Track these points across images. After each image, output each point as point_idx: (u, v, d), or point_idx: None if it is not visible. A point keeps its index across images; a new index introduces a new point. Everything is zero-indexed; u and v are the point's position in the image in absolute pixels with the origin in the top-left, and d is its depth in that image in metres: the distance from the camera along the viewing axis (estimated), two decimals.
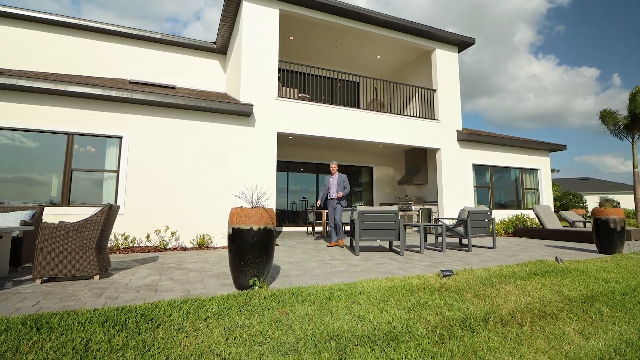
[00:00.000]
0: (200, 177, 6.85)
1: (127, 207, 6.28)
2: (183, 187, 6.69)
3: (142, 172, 6.45)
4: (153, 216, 6.40)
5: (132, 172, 6.39)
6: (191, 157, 6.85)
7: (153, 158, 6.57)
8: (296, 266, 4.46)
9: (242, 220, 3.06)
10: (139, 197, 6.36)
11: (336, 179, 6.56)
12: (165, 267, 4.34)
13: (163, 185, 6.55)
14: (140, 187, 6.40)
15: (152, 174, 6.51)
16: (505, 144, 10.54)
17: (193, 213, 6.67)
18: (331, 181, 6.62)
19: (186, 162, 6.79)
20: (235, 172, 7.13)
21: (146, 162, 6.50)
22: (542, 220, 8.52)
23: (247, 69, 7.59)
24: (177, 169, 6.70)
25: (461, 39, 9.87)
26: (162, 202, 6.51)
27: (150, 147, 6.58)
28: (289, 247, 6.48)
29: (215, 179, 6.95)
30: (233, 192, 6.77)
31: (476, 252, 5.84)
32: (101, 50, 8.90)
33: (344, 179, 6.59)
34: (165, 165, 6.63)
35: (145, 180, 6.45)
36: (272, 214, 3.23)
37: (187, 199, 6.69)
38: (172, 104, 6.65)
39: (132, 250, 5.86)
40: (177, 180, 6.67)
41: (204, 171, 6.89)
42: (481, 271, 3.95)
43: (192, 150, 6.87)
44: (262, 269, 3.10)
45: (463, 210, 6.10)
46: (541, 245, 6.92)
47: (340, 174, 6.60)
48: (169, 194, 6.57)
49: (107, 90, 6.16)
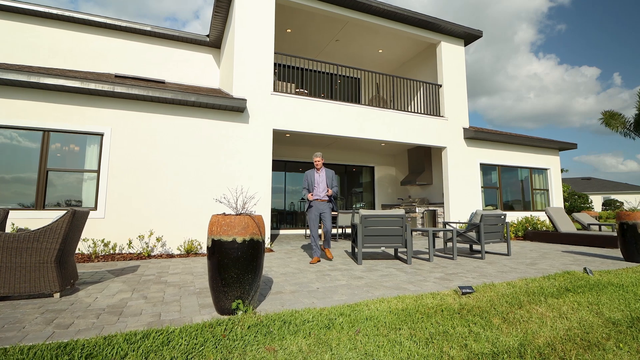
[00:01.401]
0: (189, 178, 6.33)
1: (109, 211, 5.75)
2: (170, 189, 6.17)
3: (125, 172, 5.93)
4: (137, 220, 5.87)
5: (114, 172, 5.86)
6: (179, 156, 6.32)
7: (137, 157, 6.04)
8: (291, 278, 3.93)
9: (223, 231, 2.54)
10: (121, 200, 5.84)
11: (323, 175, 5.32)
12: (143, 280, 3.81)
13: (148, 186, 6.03)
14: (123, 189, 5.87)
15: (136, 174, 5.99)
16: (514, 142, 10.02)
17: (181, 217, 6.15)
18: (317, 177, 5.31)
19: (174, 161, 6.26)
20: (227, 172, 6.61)
21: (129, 162, 5.98)
22: (555, 223, 8.01)
23: (240, 61, 7.06)
24: (163, 169, 6.18)
25: (468, 32, 9.35)
26: (147, 205, 5.98)
27: (134, 145, 6.05)
28: (285, 254, 5.96)
29: (205, 180, 6.43)
30: (215, 196, 6.24)
31: (490, 260, 5.32)
32: (86, 43, 8.36)
33: (333, 175, 5.37)
34: (150, 165, 6.10)
35: (129, 181, 5.92)
36: (261, 223, 2.70)
37: (174, 201, 6.16)
38: (158, 98, 6.13)
39: (113, 258, 5.33)
40: (164, 182, 6.14)
41: (193, 171, 6.37)
42: (504, 287, 3.43)
43: (181, 149, 6.34)
44: (247, 289, 2.57)
45: (475, 214, 5.58)
46: (558, 252, 6.40)
47: (328, 169, 5.41)
48: (155, 196, 6.05)
49: (86, 82, 5.64)
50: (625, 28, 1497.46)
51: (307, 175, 5.35)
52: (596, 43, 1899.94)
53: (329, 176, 5.30)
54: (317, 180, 5.30)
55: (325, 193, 5.26)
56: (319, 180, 5.30)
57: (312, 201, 5.22)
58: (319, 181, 5.29)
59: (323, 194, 5.26)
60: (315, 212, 5.21)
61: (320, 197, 5.24)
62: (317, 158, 5.34)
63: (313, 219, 5.18)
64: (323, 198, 5.24)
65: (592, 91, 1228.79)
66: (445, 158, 9.03)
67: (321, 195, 5.24)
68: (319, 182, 5.28)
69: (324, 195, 5.26)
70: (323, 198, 5.24)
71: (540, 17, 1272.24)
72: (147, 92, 5.96)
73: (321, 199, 5.23)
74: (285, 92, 7.53)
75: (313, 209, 5.23)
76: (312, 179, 5.31)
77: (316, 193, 5.26)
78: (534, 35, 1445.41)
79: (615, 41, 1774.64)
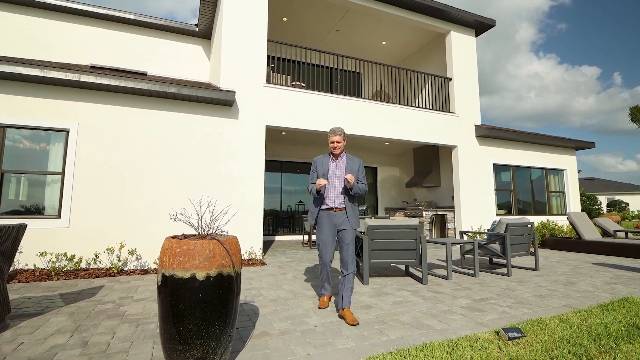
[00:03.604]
0: (168, 181, 5.54)
1: (74, 219, 4.97)
2: (146, 193, 5.38)
3: (95, 174, 5.15)
4: (107, 230, 5.09)
5: (81, 175, 5.08)
6: (158, 156, 5.54)
7: (108, 157, 5.26)
8: (282, 308, 3.16)
9: (178, 263, 1.76)
10: (89, 206, 5.06)
11: (343, 165, 3.13)
12: (95, 312, 3.04)
13: (121, 191, 5.24)
14: (91, 194, 5.09)
15: (107, 177, 5.20)
16: (529, 140, 9.26)
17: (158, 226, 5.36)
18: (332, 169, 3.14)
19: (151, 162, 5.48)
20: (213, 174, 5.83)
21: (100, 163, 5.20)
22: (578, 230, 7.25)
23: (228, 49, 6.29)
24: (139, 171, 5.39)
25: (479, 20, 8.59)
26: (120, 213, 5.19)
27: (105, 144, 5.27)
28: (279, 268, 5.18)
29: (187, 184, 5.64)
30: (199, 201, 5.45)
31: (519, 278, 4.55)
32: (62, 32, 7.56)
33: (360, 166, 3.18)
34: (124, 166, 5.32)
35: (98, 185, 5.14)
36: (235, 248, 1.93)
37: (151, 208, 5.38)
38: (132, 90, 5.35)
39: (77, 275, 4.55)
40: (140, 186, 5.36)
41: (173, 174, 5.59)
42: (558, 325, 2.65)
43: (160, 148, 5.56)
44: (214, 347, 1.80)
45: (499, 223, 4.82)
46: (588, 264, 5.64)
47: (352, 156, 3.20)
48: (129, 203, 5.26)
49: (47, 70, 4.85)
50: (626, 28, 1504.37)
51: (317, 164, 3.18)
52: (596, 42, 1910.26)
53: (353, 169, 3.10)
54: (332, 174, 3.11)
55: (342, 197, 3.07)
56: (337, 173, 3.10)
57: (323, 210, 3.09)
58: (337, 175, 3.10)
59: (341, 198, 3.07)
60: (328, 229, 3.04)
61: (334, 203, 3.05)
62: (334, 137, 3.09)
63: (324, 241, 3.03)
64: (340, 205, 3.06)
65: (592, 91, 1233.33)
66: (456, 158, 8.27)
67: (336, 201, 3.06)
68: (335, 176, 3.10)
69: (341, 200, 3.06)
70: (340, 205, 3.06)
71: (541, 16, 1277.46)
72: (120, 82, 5.18)
73: (337, 207, 3.05)
74: (279, 84, 6.75)
75: (324, 223, 3.06)
76: (326, 170, 3.12)
77: (329, 196, 3.08)
78: (534, 35, 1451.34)
79: (616, 41, 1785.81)
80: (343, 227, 3.04)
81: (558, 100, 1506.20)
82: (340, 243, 3.05)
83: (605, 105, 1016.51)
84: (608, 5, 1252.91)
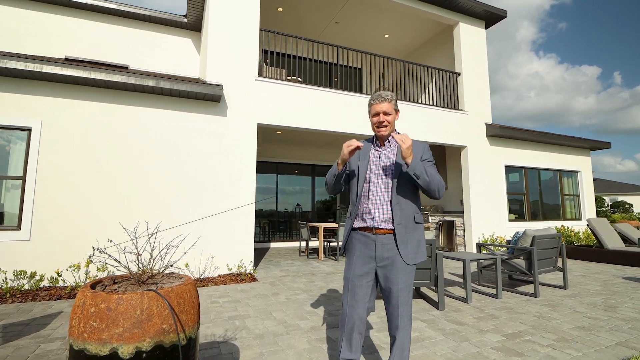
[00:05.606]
0: (146, 187, 4.90)
1: (36, 231, 4.34)
2: (119, 201, 4.74)
3: (60, 179, 4.51)
4: (73, 243, 4.45)
5: (44, 180, 4.45)
6: (134, 158, 4.90)
7: (77, 159, 4.62)
8: (270, 349, 2.53)
9: (91, 330, 1.13)
10: (54, 216, 4.42)
11: (393, 155, 1.83)
12: (33, 357, 2.41)
13: (90, 198, 4.61)
14: (55, 201, 4.45)
15: (74, 182, 4.57)
16: (542, 140, 8.64)
17: (133, 238, 4.72)
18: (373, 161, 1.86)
19: (126, 165, 4.84)
20: (197, 179, 5.20)
21: (66, 165, 4.56)
22: (600, 238, 6.64)
23: (216, 38, 5.66)
24: (112, 175, 4.75)
25: (490, 11, 7.98)
26: (88, 223, 4.56)
27: (73, 144, 4.63)
28: (271, 286, 4.55)
29: (167, 190, 5.01)
30: (180, 210, 4.81)
31: (547, 299, 3.93)
32: (35, 22, 6.92)
33: (425, 151, 1.83)
34: (94, 169, 4.68)
35: (64, 191, 4.50)
36: (188, 300, 1.30)
37: (124, 218, 4.74)
38: (105, 83, 4.71)
39: (36, 295, 3.91)
40: (112, 192, 4.72)
41: (150, 179, 4.95)
42: None
43: (136, 149, 4.93)
44: None
45: (524, 235, 4.20)
46: (618, 278, 5.03)
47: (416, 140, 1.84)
48: (99, 212, 4.62)
49: (4, 60, 4.21)
50: (626, 27, 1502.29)
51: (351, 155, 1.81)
52: (596, 42, 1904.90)
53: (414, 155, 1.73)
54: (374, 169, 1.84)
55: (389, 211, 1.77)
56: (382, 168, 1.83)
57: (355, 230, 1.84)
58: (381, 172, 1.83)
59: (387, 211, 1.77)
60: (361, 262, 1.78)
61: (374, 220, 1.77)
62: (381, 105, 1.79)
63: (353, 282, 1.78)
64: (384, 225, 1.76)
65: (593, 90, 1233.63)
66: (466, 159, 7.65)
67: (378, 217, 1.77)
68: (379, 174, 1.83)
69: (388, 216, 1.76)
70: (384, 225, 1.76)
71: (542, 15, 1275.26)
72: (89, 74, 4.53)
73: (379, 227, 1.76)
74: (273, 78, 6.12)
75: (355, 252, 1.82)
76: (365, 163, 1.86)
77: (367, 206, 1.80)
78: (535, 34, 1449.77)
79: (616, 40, 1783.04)
80: (387, 259, 1.74)
81: (558, 100, 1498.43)
82: (384, 288, 1.77)
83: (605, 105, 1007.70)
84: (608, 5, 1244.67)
